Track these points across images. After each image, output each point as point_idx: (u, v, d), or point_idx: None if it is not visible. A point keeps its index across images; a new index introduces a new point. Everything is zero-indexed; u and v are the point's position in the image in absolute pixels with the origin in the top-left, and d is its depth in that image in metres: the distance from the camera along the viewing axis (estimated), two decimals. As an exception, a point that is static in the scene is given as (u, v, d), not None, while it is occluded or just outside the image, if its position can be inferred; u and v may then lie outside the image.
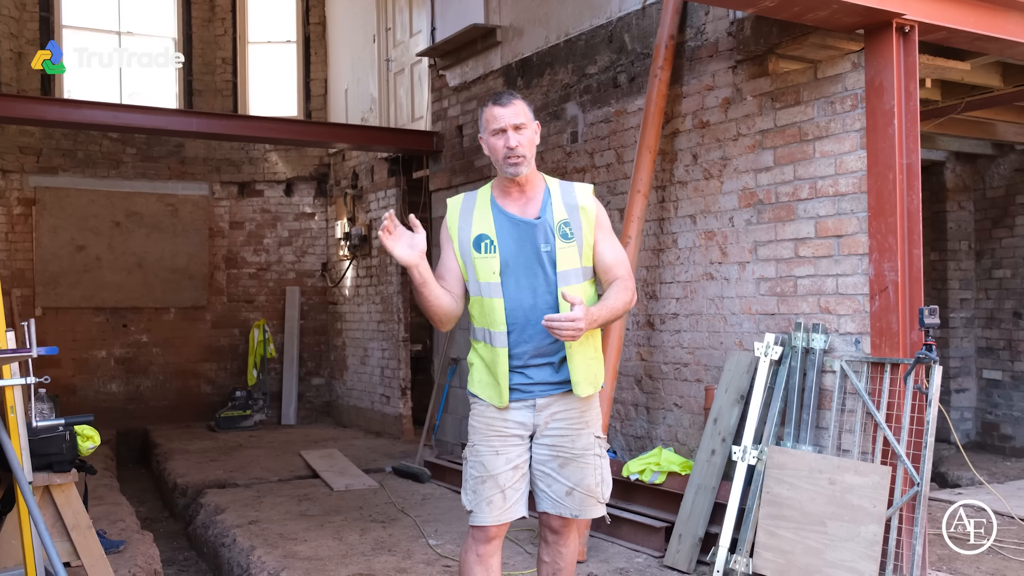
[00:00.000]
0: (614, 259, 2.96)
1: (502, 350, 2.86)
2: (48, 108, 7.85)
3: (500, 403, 2.89)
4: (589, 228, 2.93)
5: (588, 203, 2.95)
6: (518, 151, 2.83)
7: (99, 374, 10.14)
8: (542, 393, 2.89)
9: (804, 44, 4.28)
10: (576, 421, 2.92)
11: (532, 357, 2.87)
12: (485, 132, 2.91)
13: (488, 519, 2.88)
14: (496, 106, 2.86)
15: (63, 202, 9.83)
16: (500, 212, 2.92)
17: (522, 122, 2.86)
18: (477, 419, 2.96)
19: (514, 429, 2.91)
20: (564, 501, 2.92)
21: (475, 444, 2.94)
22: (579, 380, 2.88)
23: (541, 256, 2.87)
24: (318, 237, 11.06)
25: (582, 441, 2.92)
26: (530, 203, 2.93)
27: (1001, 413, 7.60)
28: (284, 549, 4.96)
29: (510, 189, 2.93)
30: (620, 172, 5.77)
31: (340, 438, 9.22)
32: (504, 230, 2.89)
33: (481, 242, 2.88)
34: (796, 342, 4.40)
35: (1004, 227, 7.65)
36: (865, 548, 3.78)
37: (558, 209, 2.91)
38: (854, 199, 4.23)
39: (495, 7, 7.23)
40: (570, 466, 2.91)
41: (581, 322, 2.67)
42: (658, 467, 4.98)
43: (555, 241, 2.87)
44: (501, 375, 2.87)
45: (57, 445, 3.95)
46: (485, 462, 2.90)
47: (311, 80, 11.10)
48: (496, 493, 2.88)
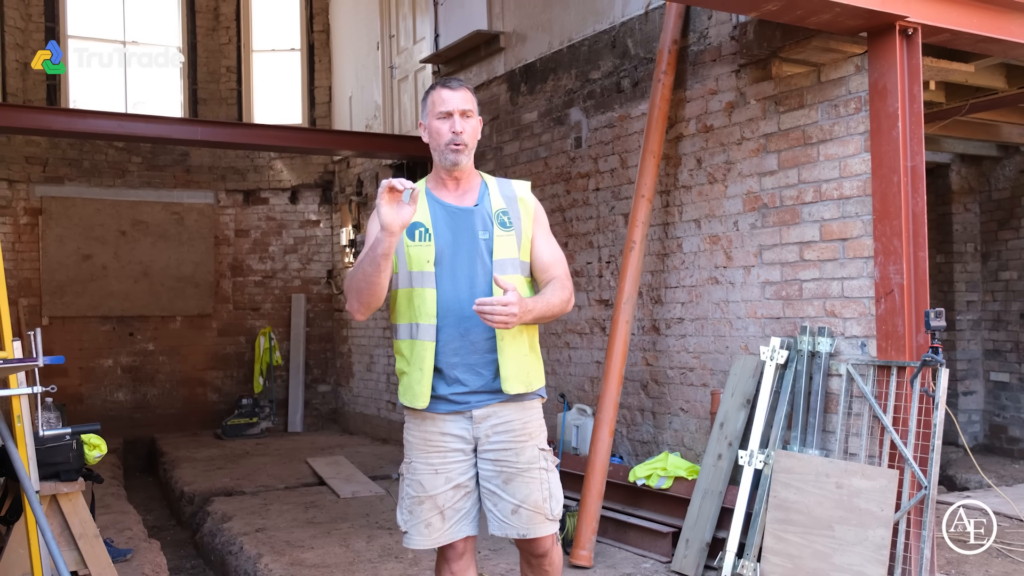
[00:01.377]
0: (552, 258, 2.83)
1: (428, 343, 2.66)
2: (54, 118, 7.89)
3: (420, 403, 2.67)
4: (528, 220, 2.81)
5: (527, 196, 2.85)
6: (462, 138, 2.70)
7: (106, 383, 10.16)
8: (479, 403, 2.69)
9: (807, 47, 4.28)
10: (519, 433, 2.73)
11: (467, 355, 2.68)
12: (428, 116, 2.76)
13: (424, 543, 2.71)
14: (444, 89, 2.74)
15: (69, 211, 9.87)
16: (435, 201, 2.77)
17: (469, 108, 2.74)
18: (412, 433, 2.76)
19: (453, 443, 2.71)
20: (510, 520, 2.71)
21: (412, 461, 2.75)
22: (508, 375, 2.67)
23: (479, 244, 2.72)
24: (323, 244, 11.07)
25: (527, 454, 2.73)
26: (467, 195, 2.80)
27: (1009, 415, 7.57)
28: (291, 557, 4.96)
29: (446, 181, 2.79)
30: (624, 177, 5.77)
31: (346, 445, 9.22)
32: (439, 219, 2.74)
33: (415, 230, 2.70)
34: (802, 346, 4.39)
35: (1010, 229, 7.63)
36: (873, 552, 3.76)
37: (496, 199, 2.79)
38: (859, 202, 4.22)
39: (498, 13, 7.24)
40: (515, 482, 2.70)
41: (514, 307, 2.51)
42: (664, 472, 4.97)
43: (493, 228, 2.73)
44: (425, 372, 2.66)
45: (64, 454, 3.97)
46: (423, 481, 2.71)
47: (315, 88, 11.13)
48: (434, 515, 2.69)
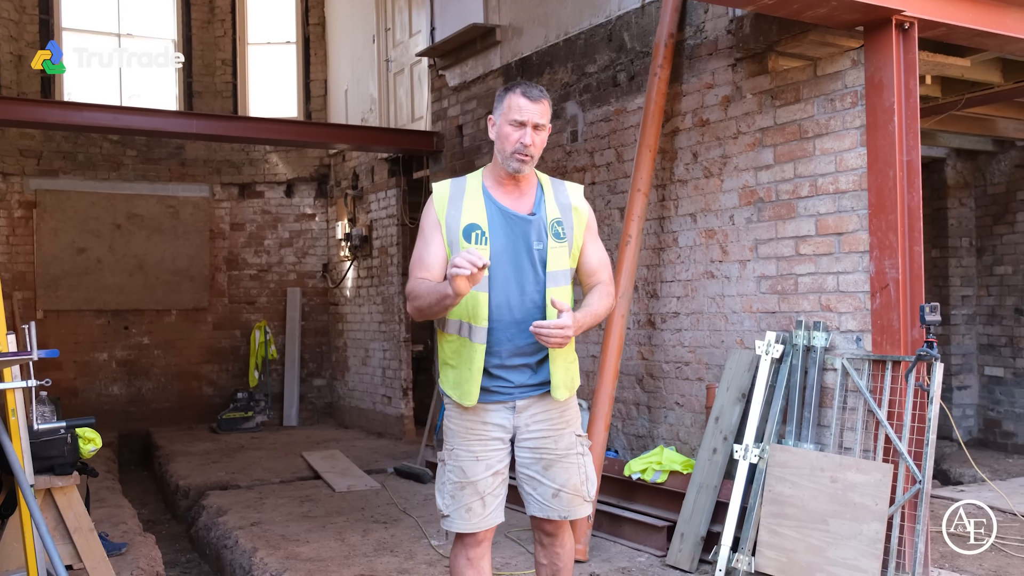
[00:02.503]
0: (599, 263, 2.94)
1: (480, 346, 2.76)
2: (48, 111, 7.86)
3: (468, 402, 2.79)
4: (580, 229, 2.88)
5: (581, 204, 2.92)
6: (530, 150, 2.77)
7: (101, 376, 10.14)
8: (521, 395, 2.83)
9: (804, 41, 4.28)
10: (557, 421, 2.87)
11: (510, 356, 2.79)
12: (500, 117, 2.81)
13: (466, 526, 2.82)
14: (524, 97, 2.76)
15: (64, 205, 9.84)
16: (493, 203, 2.83)
17: (544, 123, 2.80)
18: (455, 422, 2.86)
19: (494, 432, 2.83)
20: (551, 503, 2.86)
21: (454, 448, 2.85)
22: (558, 384, 2.83)
23: (532, 253, 2.80)
24: (319, 238, 11.06)
25: (564, 441, 2.87)
26: (523, 197, 2.86)
27: (1003, 410, 7.59)
28: (286, 550, 4.96)
29: (505, 181, 2.86)
30: (620, 171, 5.76)
31: (342, 439, 9.22)
32: (496, 222, 2.80)
33: (472, 232, 2.77)
34: (797, 340, 4.39)
35: (1005, 223, 7.64)
36: (867, 546, 3.77)
37: (551, 207, 2.85)
38: (854, 196, 4.22)
39: (494, 7, 7.23)
40: (555, 467, 2.86)
41: (569, 329, 2.63)
42: (660, 466, 4.98)
43: (547, 239, 2.81)
44: (475, 372, 2.77)
45: (58, 448, 3.95)
46: (464, 467, 2.82)
47: (311, 81, 11.10)
48: (475, 500, 2.81)
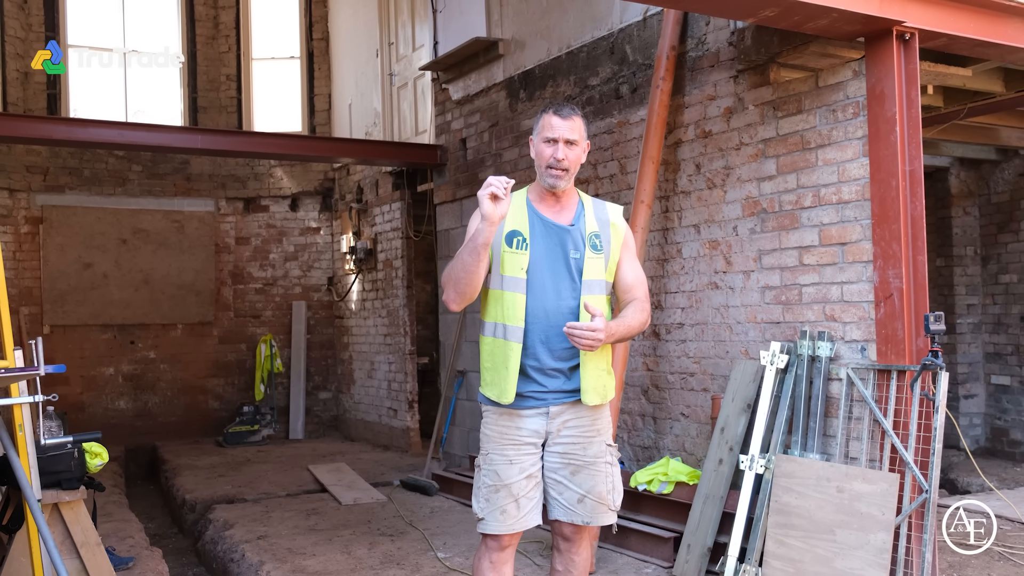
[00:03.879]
0: (635, 280, 3.05)
1: (516, 344, 2.87)
2: (54, 127, 7.91)
3: (506, 399, 2.88)
4: (617, 245, 3.02)
5: (619, 222, 3.06)
6: (563, 164, 2.91)
7: (107, 391, 10.17)
8: (555, 401, 2.92)
9: (805, 53, 4.29)
10: (588, 429, 2.95)
11: (546, 359, 2.89)
12: (537, 136, 2.97)
13: (501, 528, 2.90)
14: (555, 116, 2.92)
15: (70, 220, 9.89)
16: (535, 213, 2.98)
17: (575, 139, 2.92)
18: (491, 427, 2.97)
19: (528, 437, 2.92)
20: (576, 508, 2.94)
21: (489, 453, 2.96)
22: (587, 388, 2.91)
23: (569, 262, 2.92)
24: (324, 251, 11.09)
25: (593, 449, 2.95)
26: (564, 211, 3.00)
27: (1010, 419, 7.56)
28: (293, 564, 4.96)
29: (546, 197, 3.00)
30: (623, 183, 5.78)
31: (348, 452, 9.22)
32: (537, 230, 2.94)
33: (514, 238, 2.92)
34: (802, 350, 4.39)
35: (1010, 232, 7.64)
36: (874, 556, 3.76)
37: (590, 221, 2.99)
38: (857, 206, 4.23)
39: (497, 20, 7.27)
40: (581, 473, 2.93)
41: (601, 333, 2.73)
42: (666, 477, 4.97)
43: (584, 250, 2.93)
44: (512, 370, 2.87)
45: (66, 462, 3.97)
46: (499, 471, 2.91)
47: (315, 95, 11.15)
48: (510, 502, 2.89)
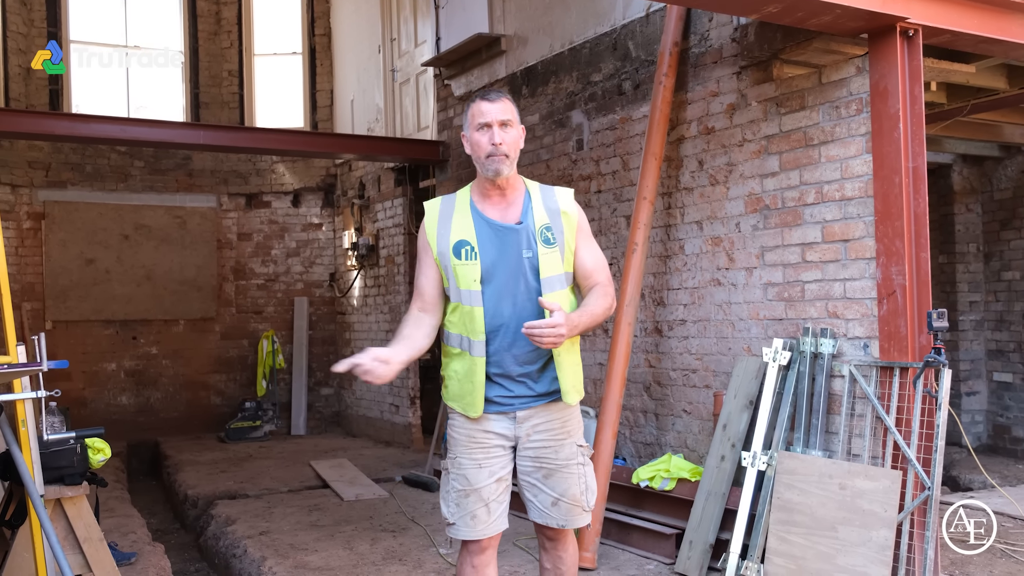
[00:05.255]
0: (594, 264, 2.92)
1: (480, 359, 2.79)
2: (56, 123, 7.91)
3: (474, 413, 2.82)
4: (571, 233, 2.87)
5: (570, 208, 2.89)
6: (502, 148, 2.77)
7: (109, 387, 10.17)
8: (522, 406, 2.84)
9: (808, 49, 4.28)
10: (558, 432, 2.88)
11: (512, 365, 2.81)
12: (469, 128, 2.85)
13: (471, 533, 2.85)
14: (484, 101, 2.81)
15: (72, 216, 9.88)
16: (480, 217, 2.84)
17: (509, 119, 2.80)
18: (457, 431, 2.90)
19: (495, 440, 2.86)
20: (550, 511, 2.89)
21: (457, 456, 2.89)
22: (568, 388, 2.84)
23: (523, 263, 2.80)
24: (326, 247, 11.09)
25: (565, 451, 2.88)
26: (511, 207, 2.86)
27: (1012, 416, 7.56)
28: (295, 560, 4.96)
29: (490, 192, 2.86)
30: (626, 179, 5.78)
31: (350, 448, 9.22)
32: (485, 236, 2.81)
33: (461, 248, 2.80)
34: (804, 347, 4.39)
35: (1012, 229, 7.62)
36: (877, 553, 3.76)
37: (539, 214, 2.84)
38: (860, 203, 4.23)
39: (499, 16, 7.25)
40: (554, 477, 2.87)
41: (562, 328, 2.62)
42: (668, 474, 4.97)
43: (537, 247, 2.80)
44: (477, 384, 2.80)
45: (68, 458, 3.98)
46: (468, 475, 2.85)
47: (317, 91, 11.14)
48: (480, 507, 2.84)
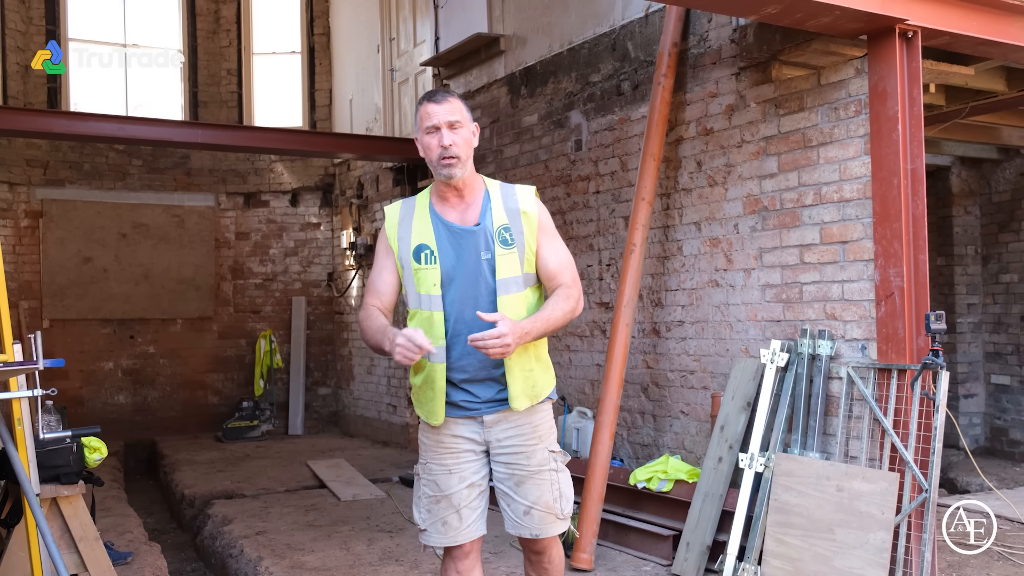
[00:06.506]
0: (557, 265, 2.82)
1: (439, 366, 2.73)
2: (55, 121, 7.89)
3: (435, 421, 2.77)
4: (531, 233, 2.79)
5: (530, 207, 2.81)
6: (452, 150, 2.69)
7: (106, 386, 10.16)
8: (489, 410, 2.78)
9: (807, 50, 4.28)
10: (529, 437, 2.81)
11: (475, 370, 2.75)
12: (419, 132, 2.76)
13: (443, 540, 2.80)
14: (430, 103, 2.73)
15: (70, 214, 9.87)
16: (439, 220, 2.78)
17: (457, 119, 2.72)
18: (427, 436, 2.85)
19: (464, 445, 2.80)
20: (523, 521, 2.82)
21: (427, 462, 2.85)
22: (516, 394, 2.75)
23: (482, 265, 2.73)
24: (324, 247, 11.08)
25: (537, 457, 2.81)
26: (469, 209, 2.80)
27: (1010, 418, 7.56)
28: (291, 559, 4.96)
29: (447, 194, 2.80)
30: (624, 180, 5.77)
31: (347, 448, 9.22)
32: (443, 239, 2.75)
33: (421, 252, 2.74)
34: (802, 349, 4.39)
35: (1011, 231, 7.63)
36: (874, 555, 3.76)
37: (498, 214, 2.77)
38: (859, 205, 4.22)
39: (498, 16, 7.25)
40: (527, 484, 2.80)
41: (508, 338, 2.53)
42: (665, 475, 4.97)
43: (495, 248, 2.73)
44: (438, 391, 2.74)
45: (64, 457, 3.97)
46: (438, 481, 2.80)
47: (316, 91, 11.14)
48: (451, 514, 2.79)
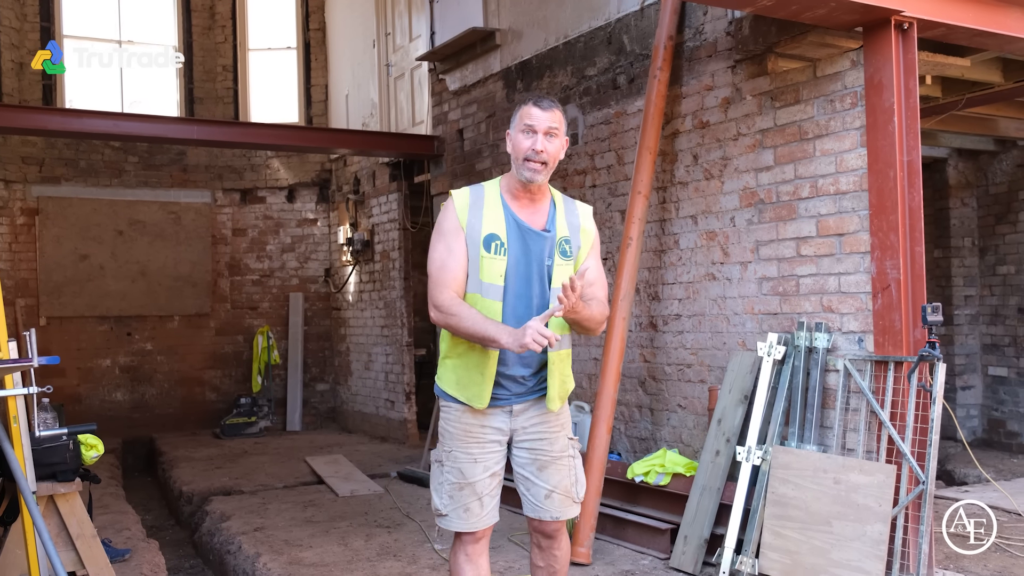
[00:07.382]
0: (595, 277, 2.95)
1: (493, 353, 2.82)
2: (50, 118, 7.88)
3: (480, 404, 2.85)
4: (585, 250, 2.97)
5: (590, 226, 3.00)
6: (541, 156, 2.81)
7: (104, 383, 10.16)
8: (518, 400, 2.91)
9: (803, 43, 4.28)
10: (553, 424, 2.95)
11: (515, 366, 2.87)
12: (515, 128, 2.88)
13: (464, 526, 2.90)
14: (535, 107, 2.84)
15: (66, 211, 9.86)
16: (511, 214, 2.88)
17: (556, 128, 2.84)
18: (453, 424, 2.92)
19: (492, 435, 2.91)
20: (544, 504, 2.95)
21: (452, 450, 2.92)
22: (554, 396, 2.90)
23: (543, 269, 2.86)
24: (321, 243, 11.07)
25: (559, 444, 2.96)
26: (537, 213, 2.92)
27: (1007, 410, 7.57)
28: (290, 556, 4.96)
29: (520, 194, 2.91)
30: (621, 173, 5.76)
31: (345, 443, 9.22)
32: (513, 235, 2.86)
33: (492, 242, 2.83)
34: (799, 341, 4.38)
35: (1007, 223, 7.63)
36: (871, 547, 3.76)
37: (562, 226, 2.92)
38: (855, 197, 4.22)
39: (494, 10, 7.23)
40: (548, 469, 2.94)
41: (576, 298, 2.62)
42: (663, 469, 4.97)
43: (555, 257, 2.88)
44: (487, 377, 2.83)
45: (61, 454, 3.95)
46: (463, 469, 2.89)
47: (312, 86, 11.11)
48: (474, 501, 2.88)
